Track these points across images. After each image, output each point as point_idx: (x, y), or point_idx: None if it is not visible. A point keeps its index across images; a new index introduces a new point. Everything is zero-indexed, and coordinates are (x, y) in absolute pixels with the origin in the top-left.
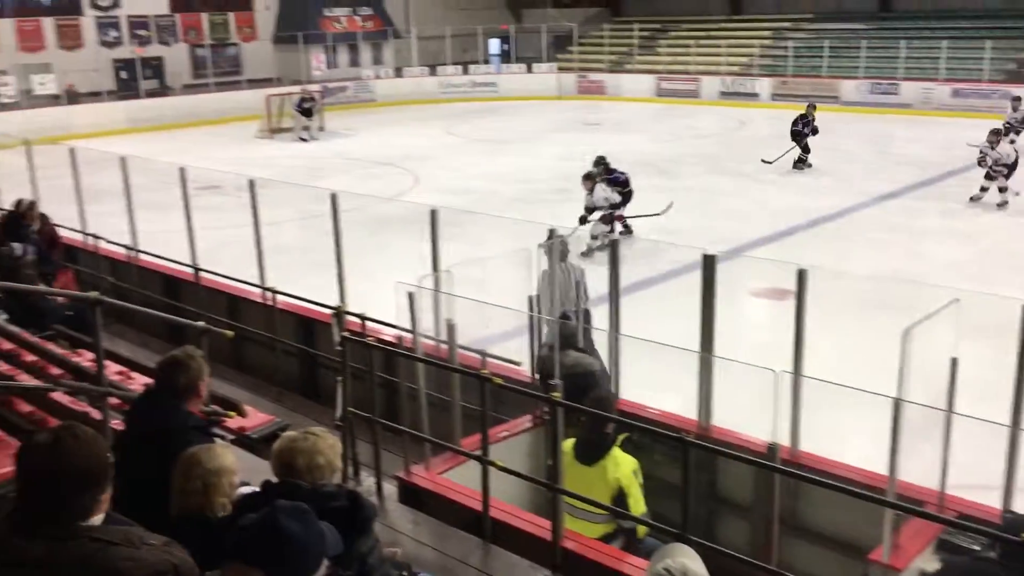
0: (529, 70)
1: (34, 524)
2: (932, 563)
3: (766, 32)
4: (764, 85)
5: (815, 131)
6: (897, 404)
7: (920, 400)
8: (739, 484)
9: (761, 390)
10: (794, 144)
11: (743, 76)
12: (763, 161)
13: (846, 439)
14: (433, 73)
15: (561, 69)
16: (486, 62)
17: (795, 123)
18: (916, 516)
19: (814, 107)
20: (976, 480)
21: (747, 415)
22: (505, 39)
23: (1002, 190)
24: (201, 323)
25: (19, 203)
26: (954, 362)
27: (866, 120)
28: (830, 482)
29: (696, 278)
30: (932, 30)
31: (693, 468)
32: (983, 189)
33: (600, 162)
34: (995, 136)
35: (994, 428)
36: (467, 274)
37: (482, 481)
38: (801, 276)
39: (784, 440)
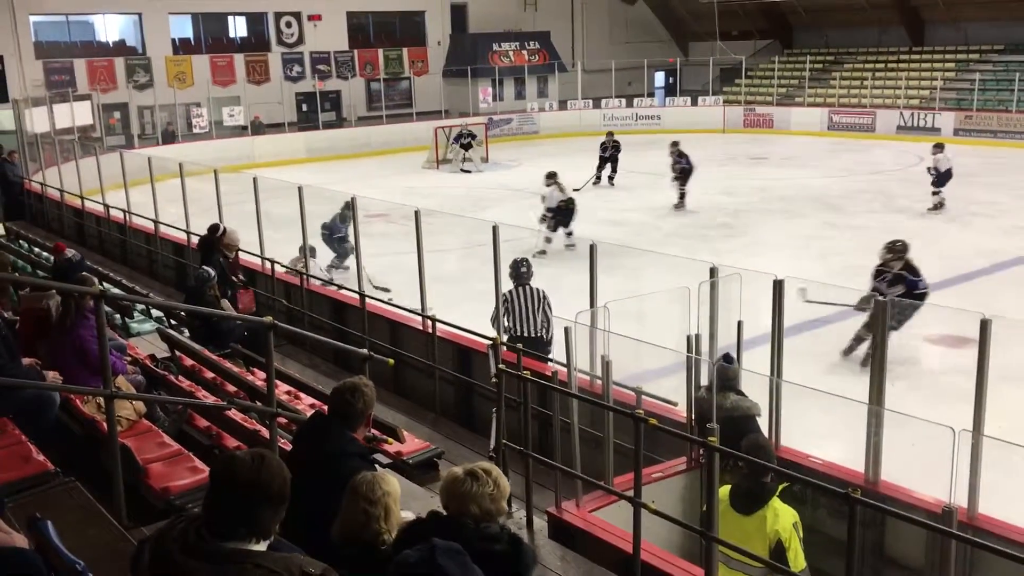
0: (694, 103)
1: (204, 543)
2: None
3: (950, 64)
4: (947, 119)
5: (617, 150)
6: None
7: None
8: (910, 545)
9: (937, 446)
10: (598, 168)
11: (923, 110)
12: (574, 190)
13: None
14: (597, 106)
15: (727, 102)
16: (651, 95)
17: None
18: None
19: (611, 134)
20: None
21: (919, 470)
22: (671, 72)
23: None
24: (364, 350)
25: (215, 227)
26: None
27: None
28: (1015, 552)
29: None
30: None
31: (859, 525)
32: None
33: None
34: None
35: None
36: (624, 309)
37: (634, 523)
38: (984, 326)
39: (961, 500)
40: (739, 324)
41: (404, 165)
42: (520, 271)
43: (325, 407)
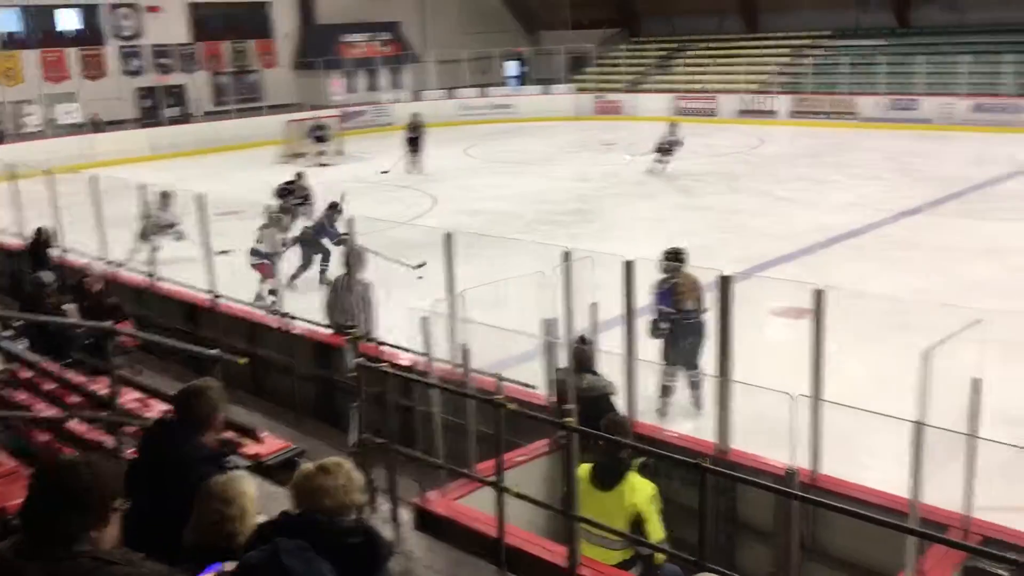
0: (546, 92)
1: (34, 547)
2: None
3: (784, 50)
4: (783, 103)
5: (421, 132)
6: (918, 427)
7: (946, 422)
8: (759, 509)
9: (780, 413)
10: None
11: (761, 94)
12: (382, 172)
13: (868, 462)
14: (451, 96)
15: (579, 90)
16: (504, 84)
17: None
18: (937, 543)
19: (417, 115)
20: (1005, 502)
21: (767, 438)
22: (522, 61)
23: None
24: (214, 351)
25: (40, 231)
26: (976, 383)
27: (885, 136)
28: (849, 508)
29: (714, 299)
30: (951, 45)
31: (712, 493)
32: None
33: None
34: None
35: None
36: (482, 297)
37: (497, 508)
38: (819, 296)
39: (804, 463)
40: (593, 306)
41: (256, 160)
42: (349, 261)
43: None
